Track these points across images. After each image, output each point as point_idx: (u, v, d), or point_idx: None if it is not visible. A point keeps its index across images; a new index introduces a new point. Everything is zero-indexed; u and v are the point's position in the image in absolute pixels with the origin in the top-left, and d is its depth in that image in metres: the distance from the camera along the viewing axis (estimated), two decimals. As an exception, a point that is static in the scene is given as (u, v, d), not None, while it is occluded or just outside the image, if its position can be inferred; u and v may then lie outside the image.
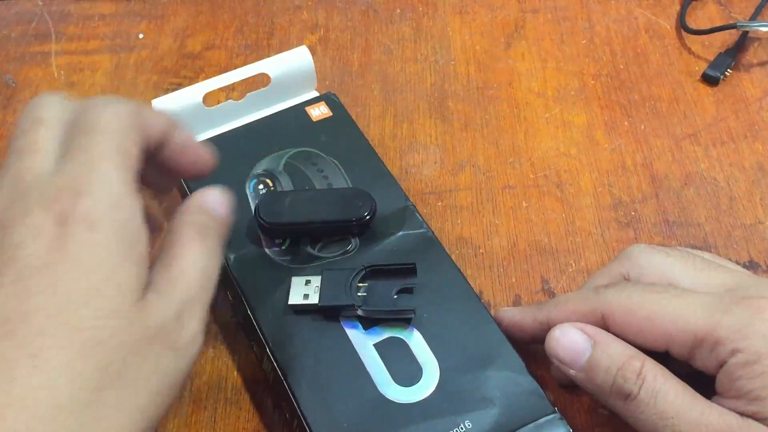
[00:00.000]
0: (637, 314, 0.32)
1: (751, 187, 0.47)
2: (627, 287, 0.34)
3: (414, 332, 0.37)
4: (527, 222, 0.46)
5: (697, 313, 0.31)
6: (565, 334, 0.33)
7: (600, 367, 0.32)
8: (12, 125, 0.52)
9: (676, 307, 0.32)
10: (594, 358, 0.33)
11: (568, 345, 0.33)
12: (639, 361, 0.32)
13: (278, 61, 0.47)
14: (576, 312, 0.34)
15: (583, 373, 0.33)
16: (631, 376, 0.31)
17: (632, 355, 0.32)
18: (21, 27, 0.59)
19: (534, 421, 0.34)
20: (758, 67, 0.54)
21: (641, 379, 0.31)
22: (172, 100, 0.45)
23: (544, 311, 0.36)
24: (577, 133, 0.50)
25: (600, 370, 0.32)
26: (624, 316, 0.33)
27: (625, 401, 0.31)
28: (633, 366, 0.31)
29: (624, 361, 0.32)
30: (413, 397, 0.35)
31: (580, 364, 0.33)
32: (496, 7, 0.59)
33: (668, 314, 0.32)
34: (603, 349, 0.33)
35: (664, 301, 0.32)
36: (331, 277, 0.38)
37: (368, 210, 0.40)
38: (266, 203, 0.40)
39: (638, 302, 0.33)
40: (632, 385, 0.31)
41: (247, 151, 0.44)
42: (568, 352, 0.33)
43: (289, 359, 0.36)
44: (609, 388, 0.32)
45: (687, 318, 0.31)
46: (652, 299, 0.32)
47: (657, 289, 0.33)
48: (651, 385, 0.31)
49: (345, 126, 0.46)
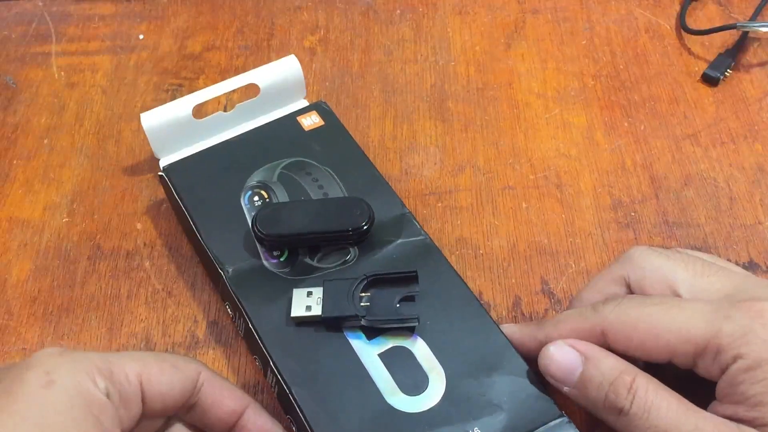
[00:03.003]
0: (638, 328, 0.32)
1: (751, 188, 0.47)
2: (624, 302, 0.33)
3: (418, 340, 0.37)
4: (527, 223, 0.46)
5: (698, 322, 0.31)
6: (558, 352, 0.33)
7: (592, 382, 0.32)
8: (12, 125, 0.52)
9: (676, 317, 0.32)
10: (585, 374, 0.33)
11: (561, 362, 0.33)
12: (630, 376, 0.31)
13: (267, 71, 0.47)
14: (575, 330, 0.34)
15: (576, 389, 0.33)
16: (622, 391, 0.31)
17: (623, 370, 0.32)
18: (21, 28, 0.59)
19: (542, 426, 0.34)
20: (758, 67, 0.54)
21: (632, 393, 0.31)
22: (161, 113, 0.45)
23: (544, 331, 0.35)
24: (577, 133, 0.50)
25: (592, 386, 0.32)
26: (624, 332, 0.33)
27: (619, 416, 0.31)
28: (624, 381, 0.31)
29: (615, 376, 0.32)
30: (421, 405, 0.35)
31: (573, 381, 0.33)
32: (496, 7, 0.58)
33: (669, 326, 0.31)
34: (594, 365, 0.33)
35: (663, 313, 0.32)
36: (333, 287, 0.38)
37: (366, 219, 0.40)
38: (263, 215, 0.40)
39: (638, 316, 0.32)
40: (624, 399, 0.31)
41: (240, 163, 0.44)
42: (561, 369, 0.33)
43: (294, 372, 0.36)
44: (602, 404, 0.32)
45: (688, 328, 0.31)
46: (651, 312, 0.32)
47: (655, 301, 0.33)
48: (643, 399, 0.31)
49: (337, 134, 0.46)
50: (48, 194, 0.48)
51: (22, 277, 0.45)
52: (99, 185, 0.49)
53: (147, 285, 0.44)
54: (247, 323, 0.38)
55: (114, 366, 0.30)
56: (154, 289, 0.44)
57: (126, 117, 0.52)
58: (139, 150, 0.50)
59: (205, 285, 0.44)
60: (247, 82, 0.46)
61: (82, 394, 0.29)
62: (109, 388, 0.29)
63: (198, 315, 0.43)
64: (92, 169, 0.50)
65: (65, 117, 0.53)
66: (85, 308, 0.43)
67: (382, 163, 0.49)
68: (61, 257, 0.45)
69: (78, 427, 0.28)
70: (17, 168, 0.50)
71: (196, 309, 0.43)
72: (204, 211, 0.42)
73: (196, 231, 0.41)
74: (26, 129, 0.52)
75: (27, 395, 0.28)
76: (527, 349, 0.36)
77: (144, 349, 0.41)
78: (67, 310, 0.43)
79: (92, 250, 0.46)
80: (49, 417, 0.28)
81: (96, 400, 0.29)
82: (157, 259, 0.45)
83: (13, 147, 0.51)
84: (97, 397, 0.29)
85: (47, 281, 0.44)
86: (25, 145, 0.51)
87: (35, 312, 0.43)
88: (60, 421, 0.28)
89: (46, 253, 0.46)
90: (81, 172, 0.50)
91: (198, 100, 0.45)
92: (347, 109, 0.52)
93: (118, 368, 0.30)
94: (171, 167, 0.44)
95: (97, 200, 0.48)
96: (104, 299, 0.44)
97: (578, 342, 0.33)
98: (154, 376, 0.31)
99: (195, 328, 0.42)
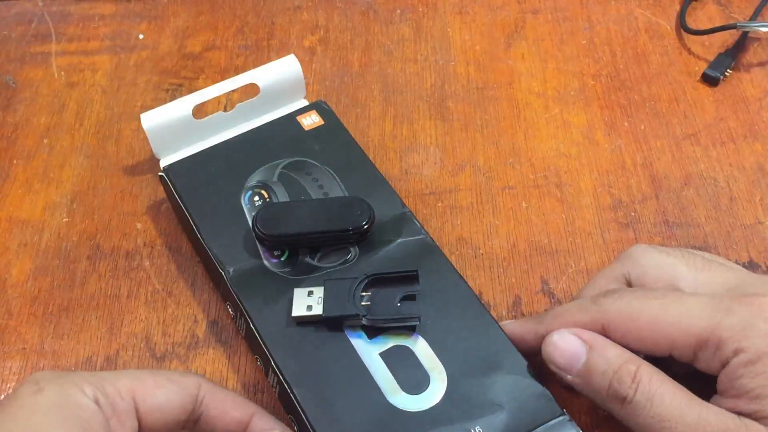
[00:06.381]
0: (638, 321, 0.32)
1: (751, 187, 0.47)
2: (625, 294, 0.34)
3: (419, 339, 0.37)
4: (527, 222, 0.46)
5: (699, 315, 0.31)
6: (562, 340, 0.34)
7: (596, 371, 0.32)
8: (12, 125, 0.52)
9: (677, 310, 0.32)
10: (590, 362, 0.33)
11: (565, 350, 0.33)
12: (634, 365, 0.32)
13: (267, 71, 0.47)
14: (576, 323, 0.34)
15: (579, 378, 0.33)
16: (626, 380, 0.31)
17: (628, 359, 0.32)
18: (21, 27, 0.59)
19: (544, 424, 0.34)
20: (758, 67, 0.54)
21: (636, 382, 0.31)
22: (161, 113, 0.45)
23: (545, 324, 0.35)
24: (577, 133, 0.50)
25: (596, 375, 0.32)
26: (625, 324, 0.33)
27: (622, 405, 0.31)
28: (628, 370, 0.32)
29: (619, 365, 0.32)
30: (422, 404, 0.35)
31: (577, 369, 0.33)
32: (496, 7, 0.58)
33: (669, 319, 0.32)
34: (599, 354, 0.33)
35: (664, 306, 0.32)
36: (334, 287, 0.38)
37: (367, 218, 0.40)
38: (264, 215, 0.40)
39: (638, 309, 0.33)
40: (627, 388, 0.31)
41: (240, 163, 0.44)
42: (565, 357, 0.33)
43: (295, 372, 0.36)
44: (605, 393, 0.32)
45: (688, 321, 0.31)
46: (651, 305, 0.32)
47: (656, 294, 0.33)
48: (646, 388, 0.31)
49: (337, 134, 0.45)
50: (48, 194, 0.48)
51: (22, 277, 0.45)
52: (99, 185, 0.49)
53: (147, 285, 0.44)
54: (248, 323, 0.38)
55: (106, 382, 0.31)
56: (154, 289, 0.44)
57: (126, 117, 0.52)
58: (139, 150, 0.50)
59: (205, 285, 0.44)
60: (246, 82, 0.46)
61: (70, 399, 0.29)
62: (98, 397, 0.30)
63: (198, 315, 0.43)
64: (92, 168, 0.50)
65: (65, 117, 0.53)
66: (85, 308, 0.43)
67: (382, 163, 0.49)
68: (61, 257, 0.45)
69: (63, 427, 0.28)
70: (17, 168, 0.50)
71: (196, 309, 0.43)
72: (204, 211, 0.42)
73: (197, 231, 0.41)
74: (26, 129, 0.52)
75: (17, 402, 0.29)
76: (528, 344, 0.36)
77: (144, 348, 0.41)
78: (67, 310, 0.43)
79: (92, 249, 0.46)
80: (37, 419, 0.28)
81: (84, 406, 0.29)
82: (157, 258, 0.45)
83: (13, 147, 0.51)
84: (85, 403, 0.29)
85: (47, 281, 0.44)
86: (25, 144, 0.51)
87: (35, 312, 0.43)
88: (47, 422, 0.28)
89: (46, 253, 0.46)
90: (81, 172, 0.50)
91: (198, 100, 0.45)
92: (347, 109, 0.52)
93: (109, 384, 0.31)
94: (171, 167, 0.44)
95: (97, 200, 0.48)
96: (104, 299, 0.44)
97: (582, 331, 0.34)
98: (150, 391, 0.31)
99: (195, 327, 0.42)
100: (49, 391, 0.29)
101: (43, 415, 0.28)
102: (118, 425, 0.30)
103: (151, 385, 0.32)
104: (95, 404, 0.30)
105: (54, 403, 0.29)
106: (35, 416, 0.28)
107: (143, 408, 0.31)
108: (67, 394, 0.29)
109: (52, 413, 0.29)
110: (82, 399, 0.29)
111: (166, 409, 0.32)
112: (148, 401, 0.31)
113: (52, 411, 0.29)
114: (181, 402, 0.32)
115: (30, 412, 0.29)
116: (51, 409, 0.29)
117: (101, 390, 0.30)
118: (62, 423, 0.28)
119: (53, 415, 0.29)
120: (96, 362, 0.41)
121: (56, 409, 0.29)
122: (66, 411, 0.29)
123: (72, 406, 0.29)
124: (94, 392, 0.30)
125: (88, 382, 0.30)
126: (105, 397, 0.30)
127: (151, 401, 0.31)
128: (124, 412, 0.30)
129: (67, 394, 0.29)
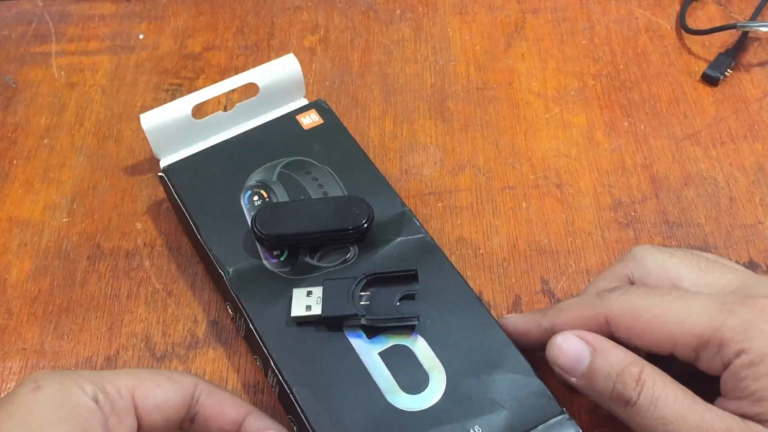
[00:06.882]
0: (641, 318, 0.32)
1: (751, 188, 0.47)
2: (630, 291, 0.33)
3: (418, 339, 0.37)
4: (527, 223, 0.46)
5: (702, 314, 0.31)
6: (565, 342, 0.34)
7: (600, 374, 0.32)
8: (12, 125, 0.52)
9: (680, 309, 0.32)
10: (594, 365, 0.33)
11: (569, 353, 0.33)
12: (638, 367, 0.32)
13: (266, 70, 0.47)
14: (579, 317, 0.34)
15: (583, 380, 0.33)
16: (630, 382, 0.31)
17: (631, 362, 0.32)
18: (21, 27, 0.59)
19: (543, 423, 0.34)
20: (758, 67, 0.54)
21: (640, 385, 0.31)
22: (161, 113, 0.45)
23: (548, 318, 0.35)
24: (577, 133, 0.50)
25: (600, 377, 0.32)
26: (628, 320, 0.33)
27: (626, 407, 0.31)
28: (632, 372, 0.31)
29: (623, 367, 0.32)
30: (421, 404, 0.35)
31: (581, 372, 0.33)
32: (496, 7, 0.58)
33: (672, 317, 0.32)
34: (602, 356, 0.33)
35: (667, 304, 0.32)
36: (333, 287, 0.38)
37: (366, 217, 0.40)
38: (263, 215, 0.40)
39: (642, 305, 0.33)
40: (631, 391, 0.31)
41: (239, 163, 0.44)
42: (569, 359, 0.33)
43: (294, 372, 0.36)
44: (609, 395, 0.32)
45: (691, 320, 0.31)
46: (655, 302, 0.32)
47: (660, 291, 0.33)
48: (650, 390, 0.31)
49: (337, 133, 0.45)
50: (48, 194, 0.48)
51: (22, 277, 0.45)
52: (99, 185, 0.49)
53: (147, 285, 0.44)
54: (247, 323, 0.38)
55: (105, 381, 0.31)
56: (154, 289, 0.44)
57: (126, 117, 0.52)
58: (139, 150, 0.50)
59: (205, 285, 0.44)
60: (246, 82, 0.46)
61: (69, 397, 0.29)
62: (98, 395, 0.30)
63: (198, 315, 0.43)
64: (92, 169, 0.50)
65: (65, 117, 0.53)
66: (85, 308, 0.43)
67: (382, 163, 0.49)
68: (61, 257, 0.45)
69: (62, 425, 0.28)
70: (17, 168, 0.50)
71: (196, 309, 0.43)
72: (204, 211, 0.42)
73: (197, 231, 0.41)
74: (26, 129, 0.52)
75: (16, 400, 0.29)
76: (531, 337, 0.36)
77: (144, 349, 0.41)
78: (67, 310, 0.43)
79: (92, 249, 0.46)
80: (35, 416, 0.28)
81: (83, 403, 0.29)
82: (157, 258, 0.45)
83: (13, 147, 0.51)
84: (83, 400, 0.29)
85: (47, 281, 0.44)
86: (25, 144, 0.51)
87: (35, 312, 0.43)
88: (46, 420, 0.28)
89: (46, 253, 0.46)
90: (81, 172, 0.50)
91: (198, 99, 0.45)
92: (347, 109, 0.52)
93: (109, 383, 0.31)
94: (171, 167, 0.44)
95: (97, 200, 0.48)
96: (104, 299, 0.44)
97: (586, 333, 0.34)
98: (149, 390, 0.32)
99: (195, 328, 0.42)
100: (47, 389, 0.29)
101: (41, 413, 0.28)
102: (117, 423, 0.30)
103: (150, 384, 0.32)
104: (94, 402, 0.30)
105: (53, 401, 0.29)
106: (34, 414, 0.28)
107: (142, 406, 0.31)
108: (66, 392, 0.29)
109: (50, 411, 0.29)
110: (81, 397, 0.29)
111: (165, 407, 0.32)
112: (147, 400, 0.31)
113: (51, 409, 0.29)
114: (179, 401, 0.32)
115: (28, 410, 0.29)
116: (50, 407, 0.29)
117: (100, 388, 0.30)
118: (61, 421, 0.28)
119: (52, 413, 0.29)
120: (96, 362, 0.41)
121: (55, 407, 0.29)
122: (65, 409, 0.29)
123: (71, 404, 0.29)
124: (93, 390, 0.30)
125: (87, 381, 0.30)
126: (104, 395, 0.30)
127: (150, 400, 0.31)
128: (123, 410, 0.30)
129: (66, 392, 0.29)
